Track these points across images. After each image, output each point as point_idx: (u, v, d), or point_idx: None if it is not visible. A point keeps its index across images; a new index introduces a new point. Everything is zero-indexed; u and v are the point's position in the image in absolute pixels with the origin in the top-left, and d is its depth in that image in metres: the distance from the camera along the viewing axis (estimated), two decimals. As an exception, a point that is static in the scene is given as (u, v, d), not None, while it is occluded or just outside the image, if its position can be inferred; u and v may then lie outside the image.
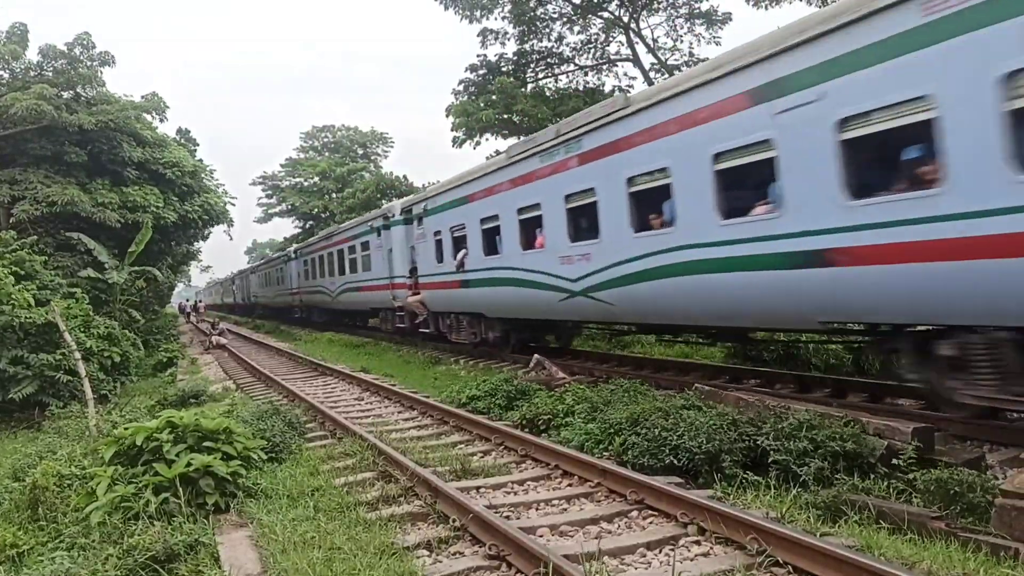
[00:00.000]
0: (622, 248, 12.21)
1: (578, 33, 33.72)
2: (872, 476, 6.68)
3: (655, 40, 32.99)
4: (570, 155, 13.64)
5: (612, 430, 8.55)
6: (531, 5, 31.63)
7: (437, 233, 20.45)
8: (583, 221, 13.63)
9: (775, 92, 9.02)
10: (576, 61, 34.57)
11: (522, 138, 16.09)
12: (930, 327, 8.35)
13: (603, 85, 33.64)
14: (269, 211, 74.88)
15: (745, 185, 10.22)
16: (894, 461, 6.76)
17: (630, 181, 11.97)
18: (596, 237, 13.00)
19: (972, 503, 5.89)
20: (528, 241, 15.52)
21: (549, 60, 34.30)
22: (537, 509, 6.95)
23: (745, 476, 7.10)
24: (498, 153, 23.55)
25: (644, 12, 32.19)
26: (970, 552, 5.12)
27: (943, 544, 5.32)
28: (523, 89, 32.11)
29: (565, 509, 6.94)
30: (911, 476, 6.48)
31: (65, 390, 18.23)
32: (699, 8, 31.61)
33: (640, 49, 32.71)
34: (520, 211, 15.68)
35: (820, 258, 8.59)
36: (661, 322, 13.00)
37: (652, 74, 31.00)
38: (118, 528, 6.62)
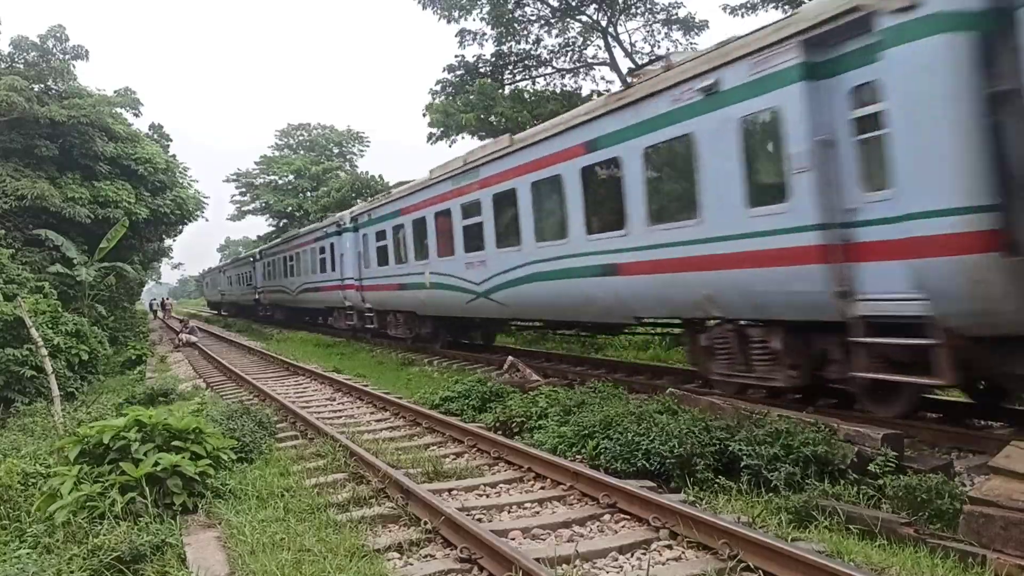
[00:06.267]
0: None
1: (556, 36, 33.75)
2: (842, 482, 6.73)
3: (632, 45, 33.07)
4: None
5: (585, 433, 8.53)
6: (509, 7, 31.59)
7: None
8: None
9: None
10: (554, 64, 34.59)
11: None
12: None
13: (580, 88, 33.71)
14: (243, 209, 74.32)
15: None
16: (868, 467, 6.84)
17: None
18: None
19: (940, 509, 5.95)
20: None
21: (527, 62, 34.28)
22: (509, 512, 6.92)
23: (717, 481, 7.13)
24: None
25: (622, 17, 32.25)
26: (938, 558, 5.16)
27: (912, 550, 5.37)
28: (501, 91, 32.07)
29: (537, 512, 6.92)
30: (880, 482, 6.54)
31: (31, 387, 17.96)
32: (676, 15, 31.74)
33: (618, 53, 32.75)
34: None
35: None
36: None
37: (629, 79, 31.05)
38: (83, 528, 6.50)
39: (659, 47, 32.71)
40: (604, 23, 32.35)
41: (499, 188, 15.32)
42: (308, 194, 61.40)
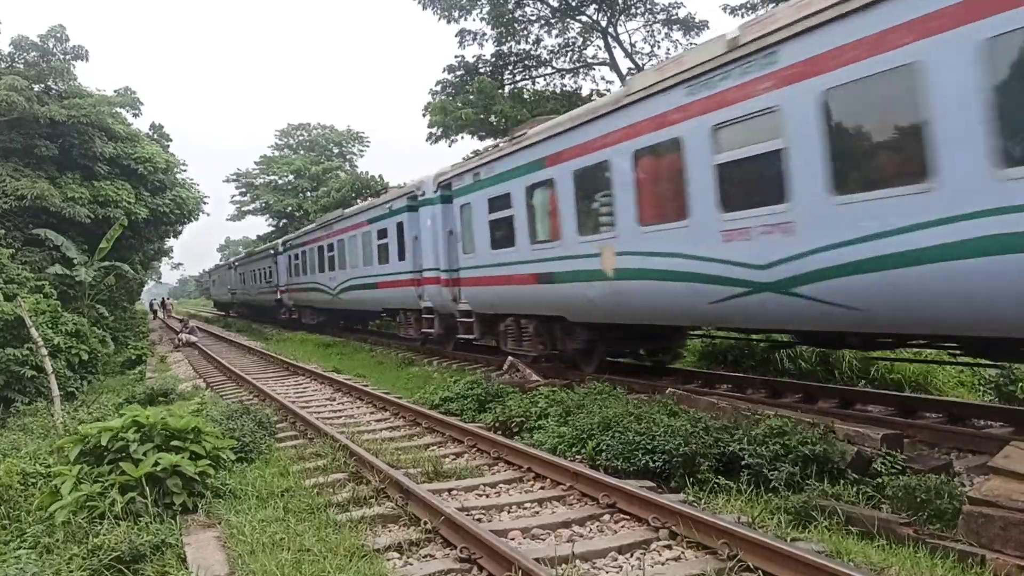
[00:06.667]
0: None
1: (556, 36, 33.81)
2: (842, 482, 6.74)
3: (632, 45, 33.13)
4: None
5: (585, 433, 8.52)
6: (509, 7, 31.64)
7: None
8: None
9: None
10: (553, 64, 34.64)
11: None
12: None
13: (580, 88, 33.78)
14: (243, 209, 74.33)
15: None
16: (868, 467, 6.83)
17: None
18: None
19: (940, 509, 5.94)
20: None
21: (527, 62, 34.34)
22: (509, 512, 6.92)
23: (717, 481, 7.13)
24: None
25: (622, 17, 32.30)
26: (938, 558, 5.16)
27: (911, 550, 5.37)
28: (501, 91, 32.13)
29: (537, 512, 6.92)
30: (880, 481, 6.55)
31: (31, 387, 17.97)
32: (676, 15, 31.78)
33: (618, 53, 32.81)
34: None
35: None
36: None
37: (629, 79, 31.06)
38: (83, 528, 6.51)
39: (659, 47, 32.84)
40: (604, 23, 32.41)
41: (852, 73, 7.52)
42: (308, 194, 61.42)
